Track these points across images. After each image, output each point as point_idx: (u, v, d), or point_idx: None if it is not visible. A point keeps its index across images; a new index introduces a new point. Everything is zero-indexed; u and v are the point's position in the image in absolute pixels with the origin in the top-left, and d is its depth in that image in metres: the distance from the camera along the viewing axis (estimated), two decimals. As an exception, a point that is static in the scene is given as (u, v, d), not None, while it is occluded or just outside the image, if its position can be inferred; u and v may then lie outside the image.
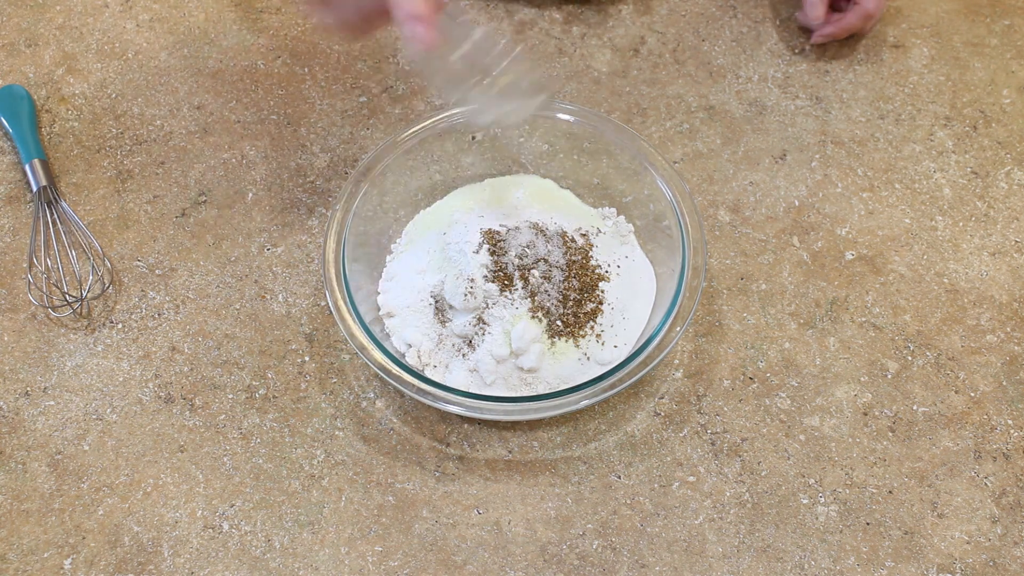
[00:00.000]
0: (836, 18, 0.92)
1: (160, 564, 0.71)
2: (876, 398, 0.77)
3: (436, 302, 0.77)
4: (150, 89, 0.94)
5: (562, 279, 0.76)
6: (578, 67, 0.95)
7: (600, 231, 0.81)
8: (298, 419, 0.76)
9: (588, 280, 0.77)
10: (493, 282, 0.75)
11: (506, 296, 0.74)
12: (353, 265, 0.76)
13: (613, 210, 0.84)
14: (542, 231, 0.78)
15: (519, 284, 0.75)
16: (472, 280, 0.74)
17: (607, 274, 0.78)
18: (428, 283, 0.77)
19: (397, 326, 0.78)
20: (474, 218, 0.80)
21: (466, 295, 0.74)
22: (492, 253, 0.76)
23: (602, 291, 0.77)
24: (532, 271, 0.75)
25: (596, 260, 0.79)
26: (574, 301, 0.76)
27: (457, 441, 0.75)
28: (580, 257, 0.78)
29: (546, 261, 0.76)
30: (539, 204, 0.82)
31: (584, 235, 0.80)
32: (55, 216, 0.85)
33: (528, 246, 0.77)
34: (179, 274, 0.83)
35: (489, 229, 0.78)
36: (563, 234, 0.79)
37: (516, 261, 0.76)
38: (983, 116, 0.91)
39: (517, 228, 0.78)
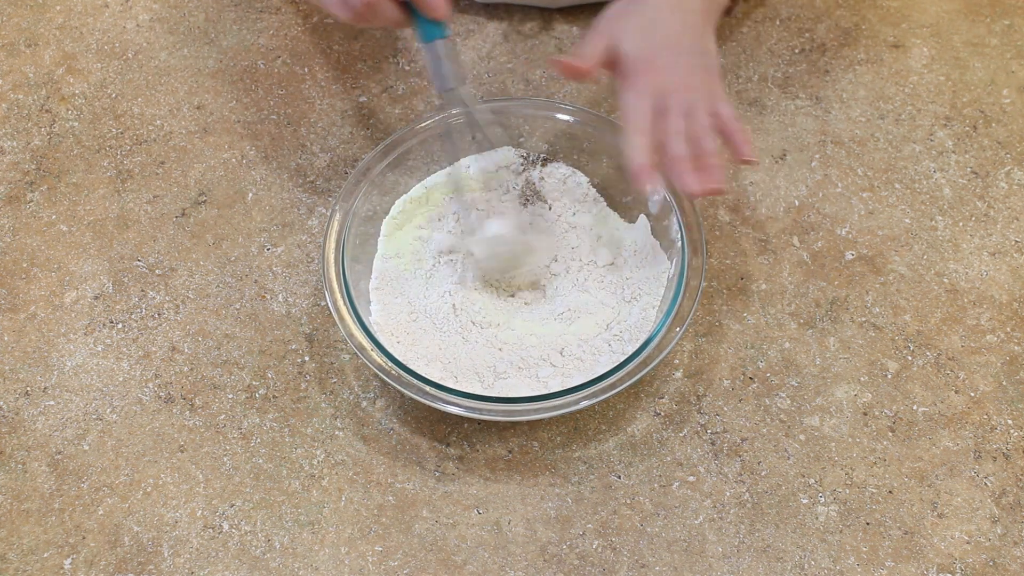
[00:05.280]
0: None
1: (160, 564, 0.71)
2: (876, 398, 0.77)
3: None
4: (150, 89, 0.94)
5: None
6: (578, 67, 0.94)
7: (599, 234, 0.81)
8: (298, 419, 0.76)
9: None
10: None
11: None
12: (353, 265, 0.76)
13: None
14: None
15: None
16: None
17: None
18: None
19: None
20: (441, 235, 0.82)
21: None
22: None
23: None
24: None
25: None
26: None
27: (457, 441, 0.75)
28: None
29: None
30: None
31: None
32: None
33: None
34: (179, 274, 0.83)
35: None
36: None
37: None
38: (983, 116, 0.91)
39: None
